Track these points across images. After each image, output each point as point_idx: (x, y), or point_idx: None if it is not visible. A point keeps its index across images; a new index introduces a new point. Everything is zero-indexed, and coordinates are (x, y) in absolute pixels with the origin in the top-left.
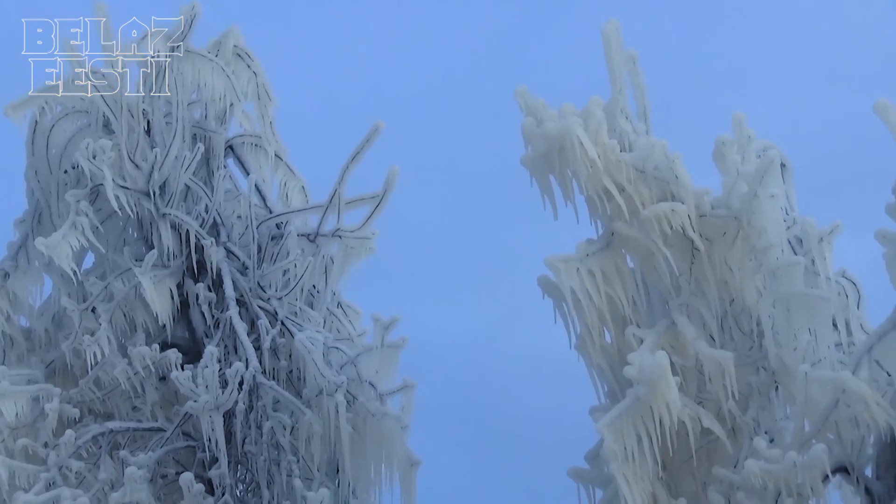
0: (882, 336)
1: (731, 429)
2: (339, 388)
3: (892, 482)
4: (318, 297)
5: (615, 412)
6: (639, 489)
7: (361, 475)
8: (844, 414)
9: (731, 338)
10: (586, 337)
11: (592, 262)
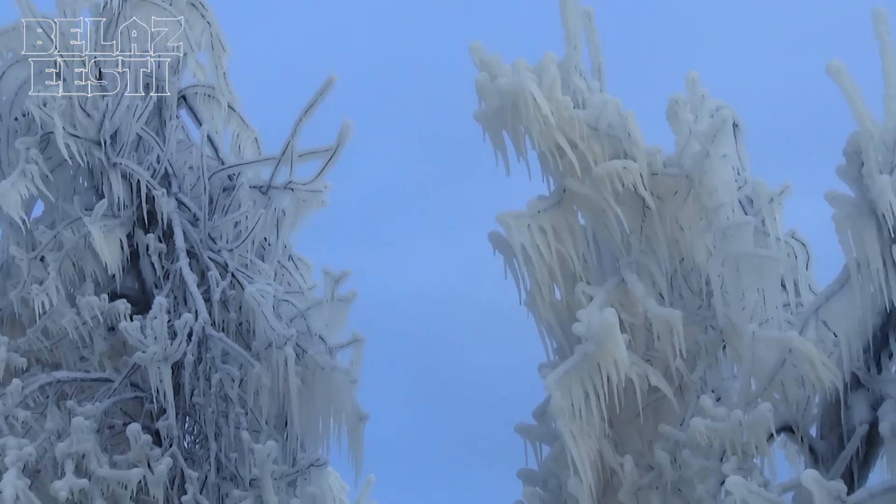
0: (829, 297)
1: (679, 387)
2: (288, 341)
3: (836, 442)
4: (270, 250)
5: (563, 369)
6: (585, 446)
7: (310, 428)
8: (790, 374)
9: (680, 296)
10: (536, 293)
11: (543, 218)
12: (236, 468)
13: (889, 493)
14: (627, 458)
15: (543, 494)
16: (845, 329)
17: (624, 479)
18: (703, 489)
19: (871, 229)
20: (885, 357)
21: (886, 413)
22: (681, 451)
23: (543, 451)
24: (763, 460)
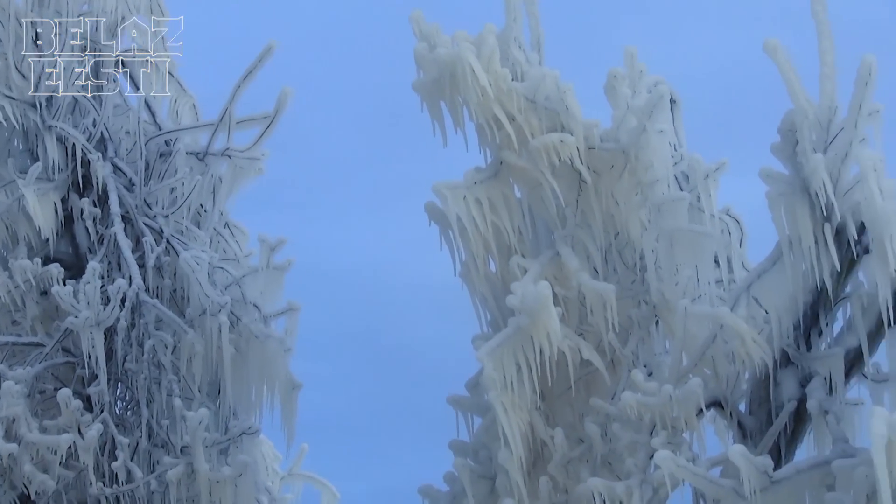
0: (761, 274)
1: (611, 361)
2: (222, 309)
3: (765, 417)
4: (206, 217)
5: (496, 341)
6: (516, 418)
7: (242, 396)
8: (721, 349)
9: (614, 271)
10: (471, 265)
11: (479, 190)
12: (168, 435)
13: (815, 468)
14: (558, 431)
15: (474, 466)
16: (776, 306)
17: (554, 452)
18: (632, 462)
19: (804, 207)
20: (815, 334)
21: (814, 390)
22: (611, 425)
23: (475, 423)
24: (692, 435)
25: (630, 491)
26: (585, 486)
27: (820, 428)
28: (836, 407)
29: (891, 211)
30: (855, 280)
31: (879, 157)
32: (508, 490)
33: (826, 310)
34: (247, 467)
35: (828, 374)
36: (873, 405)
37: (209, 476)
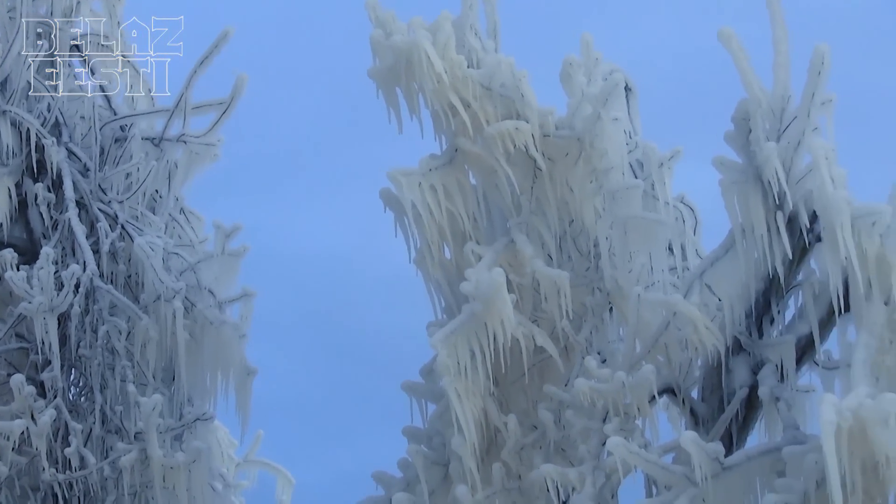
0: (714, 261)
1: (564, 348)
2: (177, 295)
3: (717, 404)
4: (161, 203)
5: (450, 327)
6: (470, 404)
7: (197, 382)
8: (674, 336)
9: (568, 258)
10: (425, 252)
11: (434, 176)
12: (121, 421)
13: (766, 455)
14: (511, 418)
15: (428, 452)
16: (729, 293)
17: (507, 438)
18: (585, 449)
19: (757, 195)
20: (767, 322)
21: (766, 377)
22: (564, 412)
23: (429, 409)
24: (645, 422)
25: (583, 477)
26: (538, 472)
27: (771, 415)
28: (788, 394)
29: (842, 199)
30: (807, 268)
31: (831, 146)
32: (462, 476)
33: (778, 297)
34: (201, 454)
35: (779, 362)
36: (824, 392)
37: (163, 462)
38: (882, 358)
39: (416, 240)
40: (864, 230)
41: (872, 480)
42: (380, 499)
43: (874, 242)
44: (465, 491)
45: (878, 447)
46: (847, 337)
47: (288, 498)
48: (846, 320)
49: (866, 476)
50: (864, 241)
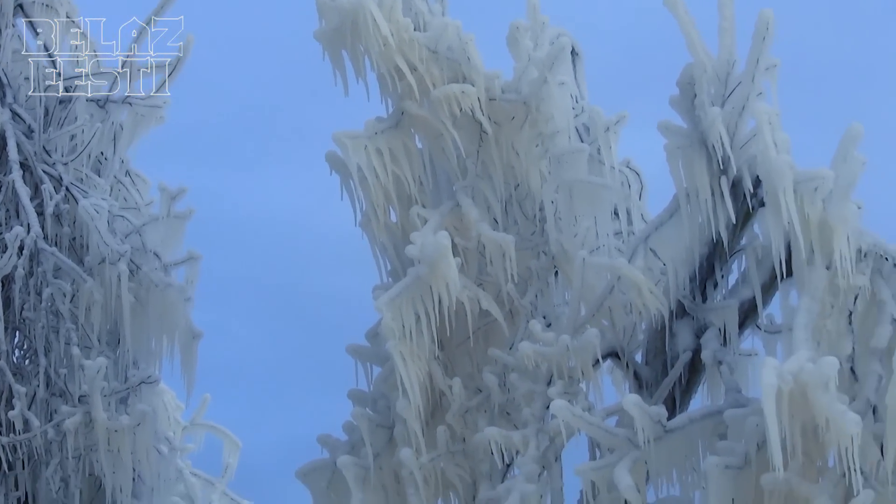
0: (658, 226)
1: (509, 311)
2: (122, 257)
3: (660, 368)
4: (106, 165)
5: (395, 290)
6: (415, 367)
7: (142, 345)
8: (618, 300)
9: (514, 222)
10: (371, 215)
11: (380, 140)
12: (65, 384)
13: (708, 418)
14: (456, 381)
15: (373, 415)
16: (673, 258)
17: (452, 401)
18: (529, 412)
19: (702, 160)
20: (711, 286)
21: (709, 341)
22: (509, 375)
23: (375, 373)
24: (589, 385)
25: (526, 440)
26: (483, 434)
27: (713, 378)
28: (730, 357)
29: (785, 164)
30: (750, 232)
31: (775, 111)
32: (406, 439)
33: (721, 262)
34: (146, 416)
35: (722, 326)
36: (766, 356)
37: (107, 425)
38: (823, 322)
39: (361, 203)
40: (806, 195)
41: (812, 443)
42: (325, 462)
43: (816, 207)
44: (410, 454)
45: (818, 410)
46: (789, 301)
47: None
48: (788, 285)
49: (806, 439)
50: (806, 205)
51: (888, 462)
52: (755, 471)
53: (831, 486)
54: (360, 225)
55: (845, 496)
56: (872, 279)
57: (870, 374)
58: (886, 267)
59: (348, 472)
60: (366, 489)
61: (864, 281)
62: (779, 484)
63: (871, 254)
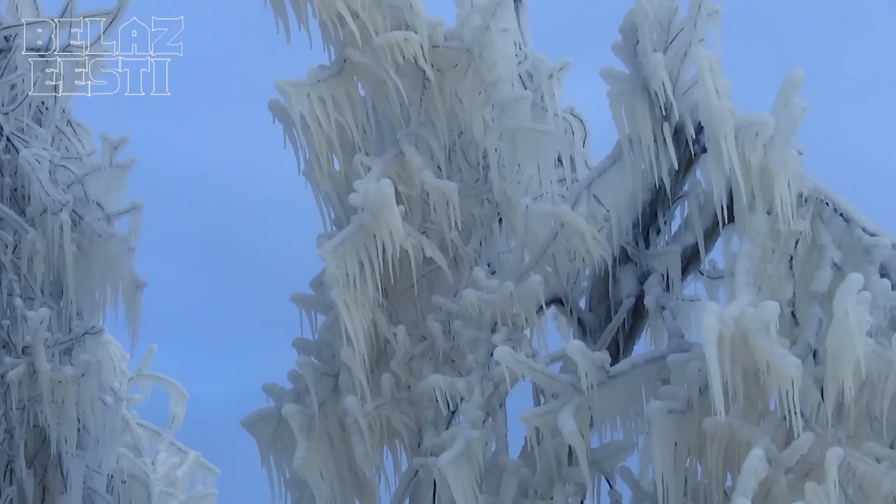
0: (601, 172)
1: (453, 259)
2: (64, 207)
3: (604, 314)
4: (47, 114)
5: (338, 239)
6: (359, 315)
7: (86, 296)
8: (562, 247)
9: (457, 169)
10: (314, 163)
11: (323, 88)
12: (8, 335)
13: (651, 363)
14: (401, 328)
15: (317, 363)
16: (616, 204)
17: (397, 349)
18: (473, 359)
19: (644, 107)
20: (653, 232)
21: (652, 287)
22: (453, 322)
23: (319, 321)
24: (532, 331)
25: (471, 387)
26: (427, 382)
27: (657, 324)
28: (673, 303)
29: (726, 110)
30: (692, 179)
31: (716, 58)
32: (351, 387)
33: (664, 208)
34: (90, 367)
35: (665, 271)
36: (708, 301)
37: (51, 376)
38: (764, 267)
39: (305, 151)
40: (747, 141)
41: (754, 387)
42: (270, 411)
43: (757, 153)
44: (355, 402)
45: (759, 354)
46: (731, 247)
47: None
48: (730, 230)
49: (748, 383)
50: (747, 151)
51: (828, 405)
52: (697, 415)
53: (772, 428)
54: (304, 174)
55: (786, 439)
56: (813, 224)
57: (810, 319)
58: (827, 212)
59: (293, 420)
60: (311, 437)
61: (805, 226)
62: (721, 427)
63: (812, 199)
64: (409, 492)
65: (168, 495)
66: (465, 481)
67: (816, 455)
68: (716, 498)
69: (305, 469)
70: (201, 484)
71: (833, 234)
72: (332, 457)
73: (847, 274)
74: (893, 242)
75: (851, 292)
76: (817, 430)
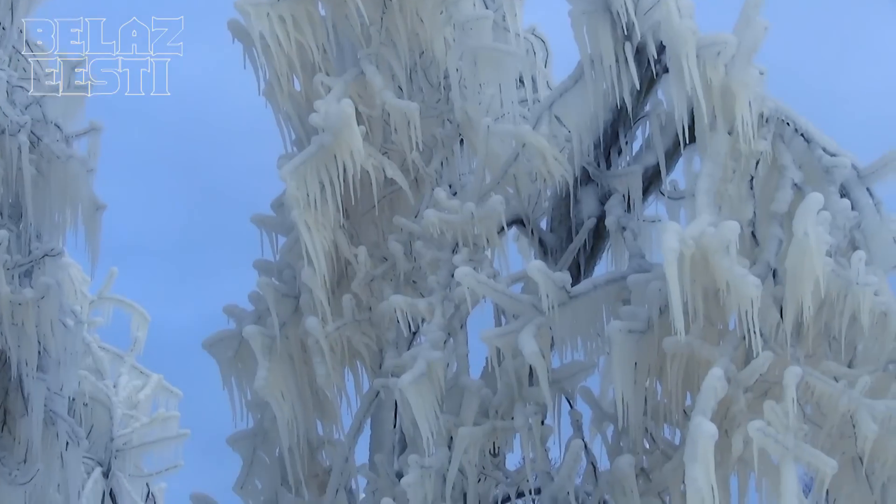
0: (563, 93)
1: (415, 179)
2: (22, 129)
3: (565, 235)
4: (4, 35)
5: (299, 159)
6: (320, 236)
7: (45, 218)
8: (523, 168)
9: (419, 89)
10: (274, 84)
11: (283, 7)
12: None
13: (611, 283)
14: (362, 249)
15: (278, 285)
16: (577, 124)
17: (358, 270)
18: (434, 280)
19: (606, 26)
20: (615, 153)
21: (613, 207)
22: (414, 243)
23: (280, 243)
24: (494, 252)
25: (432, 307)
26: (388, 303)
27: (618, 244)
28: (634, 223)
29: (687, 30)
30: (654, 99)
31: None
32: (312, 308)
33: (626, 128)
34: (49, 289)
35: (626, 192)
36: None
37: (10, 298)
38: (725, 187)
39: (265, 72)
40: (709, 60)
41: (713, 307)
42: (231, 332)
43: (719, 73)
44: (316, 323)
45: (718, 274)
46: (693, 167)
47: (143, 335)
48: (692, 150)
49: (707, 303)
50: (708, 71)
51: (787, 324)
52: (657, 335)
53: (731, 348)
54: (264, 94)
55: (745, 358)
56: (774, 144)
57: (770, 239)
58: (788, 132)
59: (254, 341)
60: (272, 359)
61: (766, 146)
62: (680, 347)
63: (773, 119)
64: (370, 412)
65: (130, 418)
66: (426, 402)
67: (775, 374)
68: (675, 417)
69: (266, 390)
70: (164, 407)
71: (794, 154)
72: (293, 378)
73: (807, 194)
74: (853, 163)
75: (811, 212)
76: (776, 349)
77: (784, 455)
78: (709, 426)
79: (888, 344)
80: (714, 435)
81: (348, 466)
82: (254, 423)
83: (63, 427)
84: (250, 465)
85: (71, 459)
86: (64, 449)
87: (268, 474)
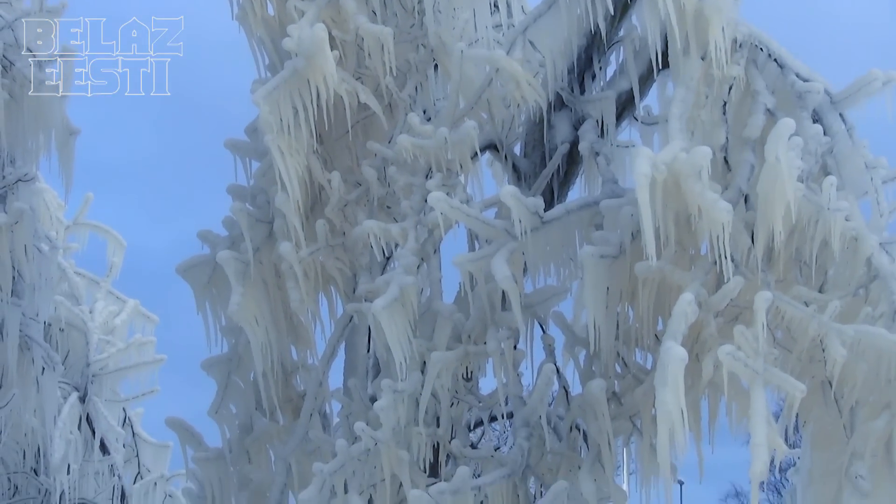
0: (537, 17)
1: (388, 105)
2: None
3: (539, 160)
4: None
5: (272, 84)
6: (293, 161)
7: (18, 143)
8: (497, 93)
9: (393, 14)
10: (248, 8)
11: None
12: None
13: (584, 208)
14: (335, 174)
15: (252, 210)
16: (551, 49)
17: (331, 195)
18: (407, 205)
19: None
20: (589, 78)
21: (586, 133)
22: (388, 168)
23: (254, 168)
24: (467, 177)
25: (405, 232)
26: (362, 228)
27: (591, 169)
28: (607, 149)
29: None
30: (628, 24)
31: None
32: (286, 233)
33: (599, 53)
34: (23, 214)
35: (600, 117)
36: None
37: None
38: (697, 112)
39: None
40: None
41: (685, 232)
42: (205, 257)
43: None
44: (290, 247)
45: (690, 199)
46: (666, 92)
47: (119, 260)
48: (665, 76)
49: (679, 227)
50: None
51: (758, 249)
52: (629, 260)
53: (703, 273)
54: (237, 18)
55: (716, 283)
56: (747, 69)
57: (742, 164)
58: (761, 57)
59: (228, 266)
60: (246, 283)
61: (739, 71)
62: (652, 272)
63: (746, 44)
64: (343, 337)
65: (106, 343)
66: (399, 326)
67: (746, 299)
68: (647, 341)
69: (240, 315)
70: (140, 332)
71: (767, 79)
72: (267, 303)
73: (779, 119)
74: (826, 88)
75: (783, 137)
76: (747, 274)
77: (754, 379)
78: (679, 350)
79: (858, 269)
80: (684, 359)
81: (322, 391)
82: (228, 348)
83: (39, 352)
84: (225, 390)
85: (47, 384)
86: (40, 374)
87: (242, 399)
